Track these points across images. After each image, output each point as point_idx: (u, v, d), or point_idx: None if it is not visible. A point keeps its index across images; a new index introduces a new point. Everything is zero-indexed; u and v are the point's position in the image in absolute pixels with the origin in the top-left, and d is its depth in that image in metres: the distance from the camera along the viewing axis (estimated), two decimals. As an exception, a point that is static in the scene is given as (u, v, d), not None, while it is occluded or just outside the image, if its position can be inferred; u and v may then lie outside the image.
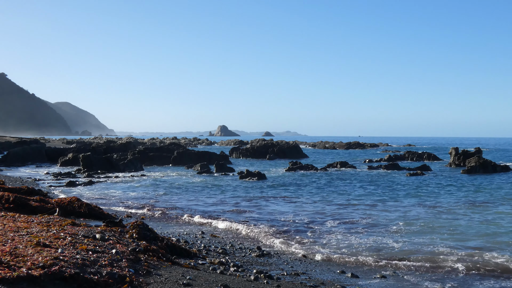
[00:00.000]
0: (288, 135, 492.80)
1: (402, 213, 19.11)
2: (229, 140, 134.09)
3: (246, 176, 33.77)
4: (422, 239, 14.25)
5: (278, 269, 10.97)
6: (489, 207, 20.66)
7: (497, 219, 17.77)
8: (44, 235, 8.68)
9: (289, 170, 41.35)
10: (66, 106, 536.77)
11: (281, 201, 22.99)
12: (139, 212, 19.26)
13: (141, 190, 26.90)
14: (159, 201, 22.65)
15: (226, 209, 20.45)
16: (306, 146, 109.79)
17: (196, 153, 52.37)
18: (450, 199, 23.37)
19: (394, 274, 10.97)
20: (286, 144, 72.04)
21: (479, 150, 49.99)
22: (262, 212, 19.66)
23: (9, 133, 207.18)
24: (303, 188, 28.28)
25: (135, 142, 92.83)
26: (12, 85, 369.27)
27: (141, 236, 10.45)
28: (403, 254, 12.50)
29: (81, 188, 27.38)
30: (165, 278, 7.70)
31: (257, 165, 50.59)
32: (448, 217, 18.08)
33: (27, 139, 76.47)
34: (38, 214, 12.82)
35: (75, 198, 14.89)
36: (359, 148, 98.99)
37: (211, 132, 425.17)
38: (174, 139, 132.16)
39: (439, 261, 11.78)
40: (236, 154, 66.54)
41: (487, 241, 14.05)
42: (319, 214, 19.08)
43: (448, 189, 28.01)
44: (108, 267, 7.30)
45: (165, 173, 38.67)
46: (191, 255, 10.95)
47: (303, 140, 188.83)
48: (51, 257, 6.95)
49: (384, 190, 27.23)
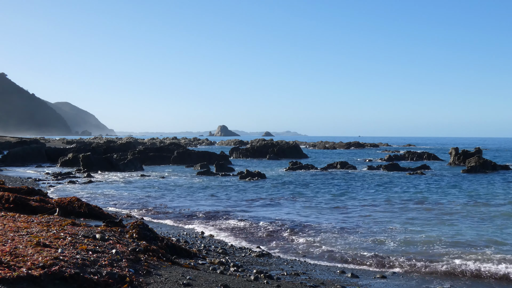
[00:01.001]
0: (288, 135, 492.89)
1: (401, 213, 19.11)
2: (229, 140, 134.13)
3: (246, 176, 33.77)
4: (421, 239, 14.24)
5: (278, 269, 10.98)
6: (489, 207, 20.66)
7: (497, 219, 17.77)
8: (44, 235, 8.68)
9: (289, 170, 41.36)
10: (66, 106, 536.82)
11: (280, 201, 22.99)
12: (134, 214, 19.25)
13: (137, 191, 26.89)
14: (154, 201, 22.64)
15: (223, 209, 20.45)
16: (306, 146, 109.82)
17: (196, 153, 52.39)
18: (450, 199, 23.36)
19: (394, 274, 10.98)
20: (286, 144, 72.06)
21: (479, 150, 50.00)
22: (262, 212, 19.66)
23: (9, 133, 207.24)
24: (303, 189, 28.28)
25: (135, 142, 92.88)
26: (12, 85, 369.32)
27: (141, 236, 10.46)
28: (403, 254, 12.50)
29: (76, 187, 27.36)
30: (165, 278, 7.71)
31: (257, 165, 50.60)
32: (448, 218, 18.08)
33: (27, 139, 76.48)
34: (38, 214, 12.83)
35: (75, 198, 14.89)
36: (359, 148, 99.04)
37: (211, 132, 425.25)
38: (174, 139, 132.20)
39: (438, 262, 11.79)
40: (236, 154, 66.57)
41: (489, 240, 14.04)
42: (318, 214, 19.08)
43: (447, 189, 28.02)
44: (108, 267, 7.30)
45: (164, 173, 38.67)
46: (191, 255, 10.95)
47: (303, 140, 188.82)
48: (51, 257, 6.95)
49: (384, 190, 27.23)
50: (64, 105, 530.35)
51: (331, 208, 20.54)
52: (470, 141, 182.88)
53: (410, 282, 10.40)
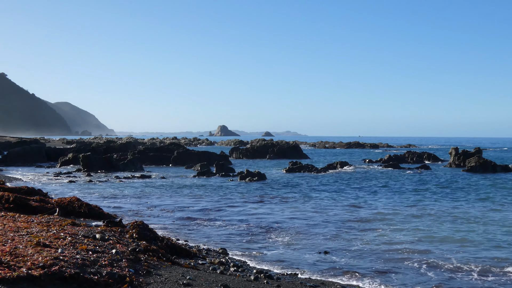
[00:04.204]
0: (288, 135, 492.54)
1: (401, 214, 19.14)
2: (229, 140, 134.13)
3: (246, 176, 33.76)
4: (420, 240, 14.26)
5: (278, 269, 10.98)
6: (487, 207, 20.68)
7: (496, 218, 17.78)
8: (44, 235, 8.68)
9: (289, 171, 41.34)
10: (66, 106, 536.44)
11: (280, 201, 22.98)
12: (131, 214, 19.25)
13: (137, 190, 26.88)
14: (153, 202, 22.64)
15: (222, 211, 20.45)
16: (306, 146, 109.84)
17: (196, 153, 52.37)
18: (450, 199, 23.39)
19: (393, 275, 11.00)
20: (286, 144, 72.02)
21: (479, 150, 49.95)
22: (262, 212, 19.66)
23: (9, 133, 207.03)
24: (302, 189, 28.30)
25: (135, 142, 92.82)
26: (12, 85, 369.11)
27: (141, 236, 10.46)
28: (402, 255, 12.52)
29: (76, 187, 27.36)
30: (165, 278, 7.71)
31: (257, 165, 50.59)
32: (446, 218, 18.11)
33: (27, 139, 76.46)
34: (38, 214, 12.83)
35: (75, 198, 14.90)
36: (359, 148, 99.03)
37: (211, 132, 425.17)
38: (174, 139, 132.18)
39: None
40: (236, 154, 66.56)
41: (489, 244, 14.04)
42: (317, 214, 19.09)
43: (447, 189, 28.03)
44: (108, 267, 7.30)
45: (164, 173, 38.67)
46: (191, 255, 10.95)
47: (303, 140, 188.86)
48: (51, 257, 6.95)
49: (384, 190, 27.23)
50: (64, 105, 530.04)
51: (329, 208, 20.53)
52: (470, 141, 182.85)
53: (409, 283, 10.41)
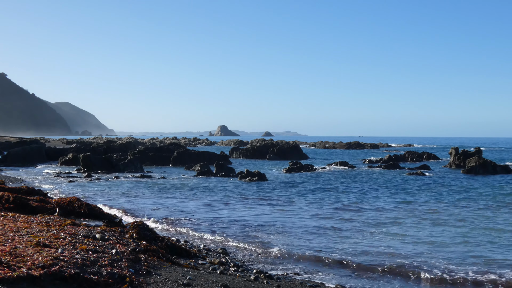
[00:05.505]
0: (288, 135, 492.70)
1: (401, 214, 19.15)
2: (229, 140, 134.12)
3: (246, 176, 33.76)
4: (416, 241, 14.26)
5: (278, 269, 10.98)
6: (487, 208, 20.68)
7: (496, 220, 17.79)
8: (44, 235, 8.68)
9: (289, 171, 41.33)
10: (66, 106, 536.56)
11: (280, 201, 22.99)
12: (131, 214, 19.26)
13: (136, 190, 26.89)
14: (152, 201, 22.65)
15: (221, 210, 20.46)
16: (306, 146, 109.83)
17: (196, 153, 52.36)
18: (450, 199, 23.39)
19: (390, 278, 11.00)
20: (286, 144, 72.01)
21: (479, 150, 49.93)
22: (261, 212, 19.66)
23: (9, 133, 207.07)
24: (302, 189, 28.30)
25: (135, 142, 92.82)
26: (12, 85, 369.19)
27: (141, 236, 10.46)
28: (400, 257, 12.54)
29: (76, 187, 27.36)
30: (165, 278, 7.71)
31: (257, 165, 50.60)
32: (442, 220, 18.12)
33: (27, 139, 76.43)
34: (38, 214, 12.83)
35: (75, 198, 14.91)
36: (359, 148, 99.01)
37: (211, 132, 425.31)
38: (174, 139, 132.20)
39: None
40: (236, 154, 66.56)
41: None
42: (317, 214, 19.09)
43: (446, 190, 28.03)
44: (108, 267, 7.31)
45: (164, 173, 38.68)
46: (191, 255, 10.95)
47: (303, 140, 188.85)
48: (51, 257, 6.95)
49: (384, 191, 27.23)
50: (64, 105, 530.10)
51: (328, 209, 20.52)
52: (470, 141, 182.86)
53: (408, 284, 10.42)
